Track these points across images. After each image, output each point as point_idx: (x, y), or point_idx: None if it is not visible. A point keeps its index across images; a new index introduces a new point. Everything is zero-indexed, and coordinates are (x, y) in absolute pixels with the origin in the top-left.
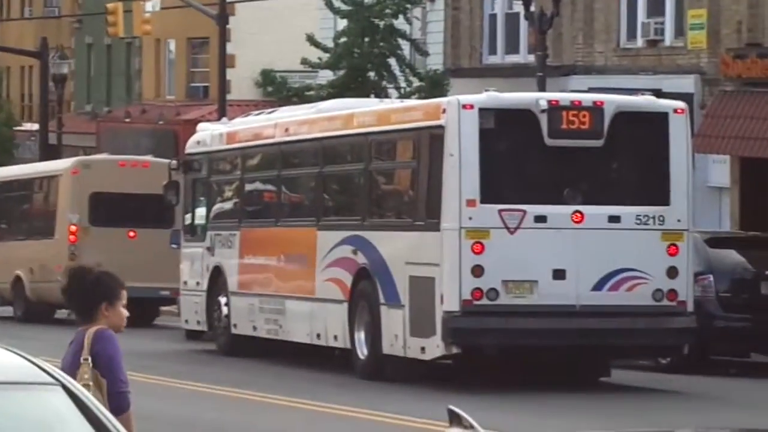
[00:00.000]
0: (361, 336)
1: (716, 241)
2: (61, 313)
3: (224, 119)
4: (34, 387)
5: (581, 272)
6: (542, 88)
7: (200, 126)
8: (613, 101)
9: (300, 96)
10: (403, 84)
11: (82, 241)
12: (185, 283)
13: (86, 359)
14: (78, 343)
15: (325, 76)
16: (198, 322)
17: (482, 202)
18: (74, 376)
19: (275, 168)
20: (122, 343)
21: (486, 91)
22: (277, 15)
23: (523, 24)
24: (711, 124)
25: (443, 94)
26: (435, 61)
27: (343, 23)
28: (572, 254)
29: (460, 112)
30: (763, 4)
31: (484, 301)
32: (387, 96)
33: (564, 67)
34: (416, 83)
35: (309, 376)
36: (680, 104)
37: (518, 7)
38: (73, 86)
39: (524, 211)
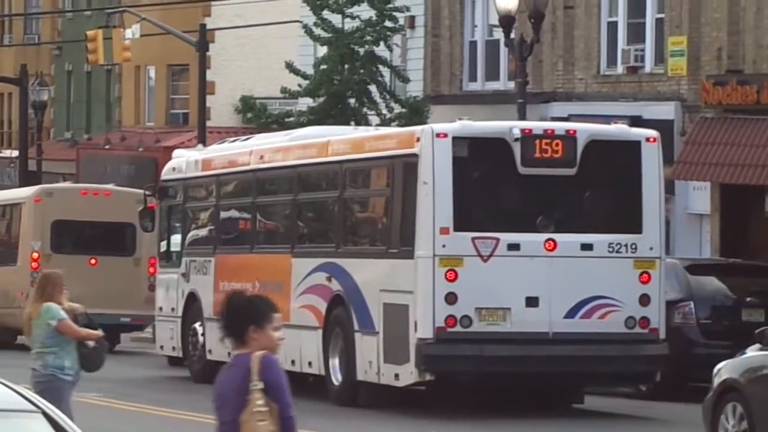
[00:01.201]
0: (335, 362)
1: (697, 268)
2: (23, 339)
3: (199, 146)
4: (15, 414)
5: (554, 300)
6: (522, 115)
7: (176, 153)
8: (585, 130)
9: (280, 123)
10: (383, 111)
11: (44, 268)
12: (160, 309)
13: (257, 385)
14: (241, 368)
15: (306, 102)
16: (173, 348)
17: (456, 229)
18: (240, 402)
19: (250, 195)
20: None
21: (459, 119)
22: (256, 42)
23: (503, 51)
24: (691, 150)
25: (423, 121)
26: (415, 88)
27: (322, 50)
28: (545, 282)
29: (434, 141)
30: (743, 31)
31: (458, 329)
32: (367, 122)
33: (544, 94)
34: (397, 110)
35: None
36: (652, 133)
37: (498, 35)
38: (52, 113)
39: (497, 239)
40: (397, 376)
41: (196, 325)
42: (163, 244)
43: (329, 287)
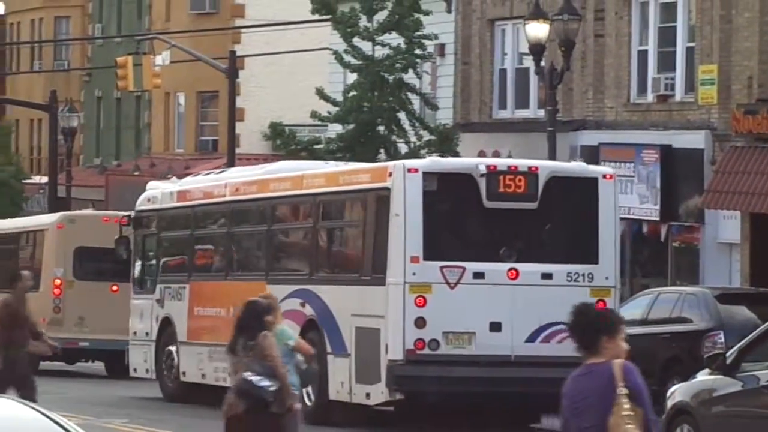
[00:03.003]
0: None
1: (727, 297)
2: (45, 365)
3: (174, 178)
4: None
5: (516, 325)
6: (552, 143)
7: (150, 184)
8: (546, 167)
9: (309, 150)
10: (413, 138)
11: (67, 294)
12: (134, 333)
13: (623, 391)
14: (600, 376)
15: (335, 129)
16: (147, 371)
17: (425, 258)
18: (606, 407)
19: (225, 225)
20: (112, 394)
21: (428, 156)
22: (286, 69)
23: (533, 79)
24: (721, 179)
25: (453, 149)
26: (445, 116)
27: (352, 77)
28: (508, 308)
29: (405, 175)
30: None
31: (426, 351)
32: (396, 150)
33: (574, 122)
34: (426, 137)
35: None
36: (609, 170)
37: (528, 62)
38: (82, 139)
39: (464, 268)
40: (368, 395)
41: (171, 348)
42: (138, 271)
43: (303, 312)
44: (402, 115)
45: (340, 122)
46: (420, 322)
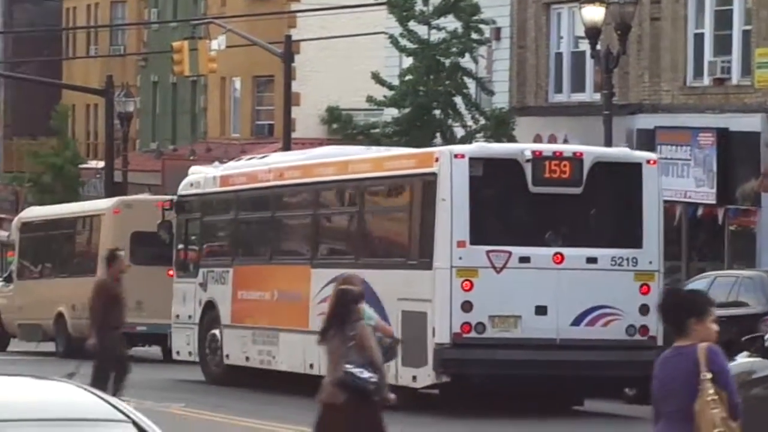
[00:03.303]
0: None
1: None
2: None
3: (216, 163)
4: (105, 423)
5: (561, 309)
6: (608, 126)
7: (193, 169)
8: (591, 152)
9: (365, 134)
10: (469, 122)
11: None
12: (177, 316)
13: (707, 375)
14: (686, 359)
15: (391, 113)
16: (189, 354)
17: (471, 243)
18: (691, 391)
19: (270, 210)
20: (168, 378)
21: (476, 141)
22: (342, 53)
23: (589, 62)
24: None
25: (508, 133)
26: (501, 100)
27: (408, 61)
28: (553, 292)
29: (452, 161)
30: None
31: (473, 334)
32: (452, 134)
33: (630, 106)
34: (482, 121)
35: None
36: (652, 155)
37: (584, 46)
38: (138, 124)
39: (510, 252)
40: (414, 378)
41: (215, 331)
42: (181, 255)
43: None
44: (458, 99)
45: (395, 106)
46: (466, 306)
